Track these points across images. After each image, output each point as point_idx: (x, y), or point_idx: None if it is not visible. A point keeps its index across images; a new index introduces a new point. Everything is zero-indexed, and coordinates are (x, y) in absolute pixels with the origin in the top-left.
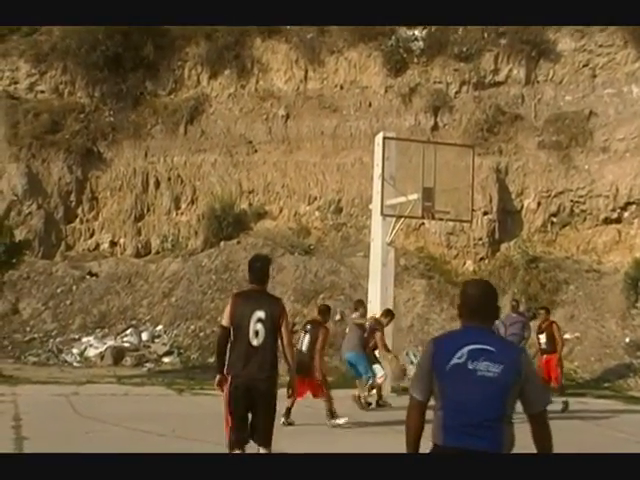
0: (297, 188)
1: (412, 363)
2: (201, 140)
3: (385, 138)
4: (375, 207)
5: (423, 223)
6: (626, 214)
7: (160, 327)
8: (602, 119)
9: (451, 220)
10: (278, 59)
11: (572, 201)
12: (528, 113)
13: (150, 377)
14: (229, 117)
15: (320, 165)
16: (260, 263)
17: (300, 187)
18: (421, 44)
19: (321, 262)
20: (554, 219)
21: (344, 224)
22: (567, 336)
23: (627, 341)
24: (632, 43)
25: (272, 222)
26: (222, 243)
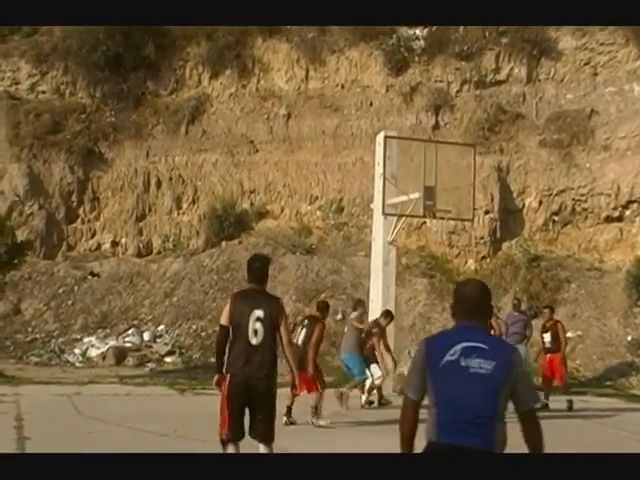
0: (298, 188)
1: None
2: (202, 140)
3: (386, 137)
4: (376, 206)
5: (424, 222)
6: (628, 212)
7: (162, 327)
8: (603, 117)
9: (452, 219)
10: (279, 59)
11: (574, 200)
12: (529, 112)
13: (152, 377)
14: (230, 117)
15: (321, 164)
16: (259, 263)
17: (301, 187)
18: (422, 43)
19: (323, 261)
20: (555, 218)
21: (345, 223)
22: (569, 335)
23: (629, 339)
24: (633, 41)
25: (273, 222)
26: (223, 243)
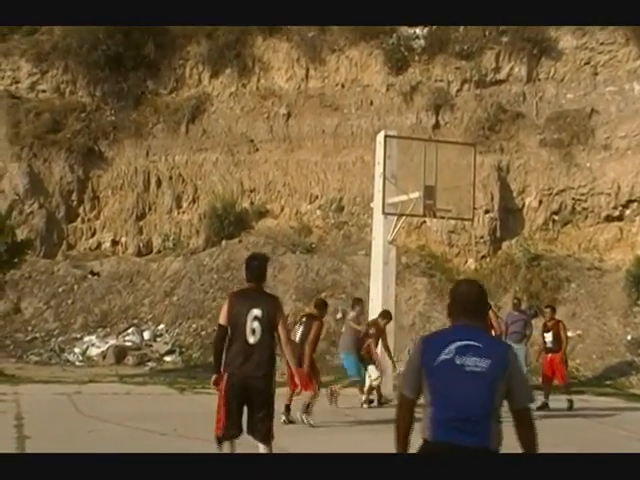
0: (298, 187)
1: None
2: (202, 139)
3: (386, 136)
4: (376, 205)
5: (424, 221)
6: (628, 212)
7: (162, 326)
8: (604, 117)
9: (452, 218)
10: (279, 58)
11: (574, 199)
12: (529, 111)
13: (152, 376)
14: (230, 116)
15: (321, 164)
16: (257, 262)
17: (301, 186)
18: (422, 42)
19: (323, 261)
20: (555, 217)
21: (345, 223)
22: (569, 334)
23: (629, 339)
24: (634, 41)
25: (273, 221)
26: (223, 242)
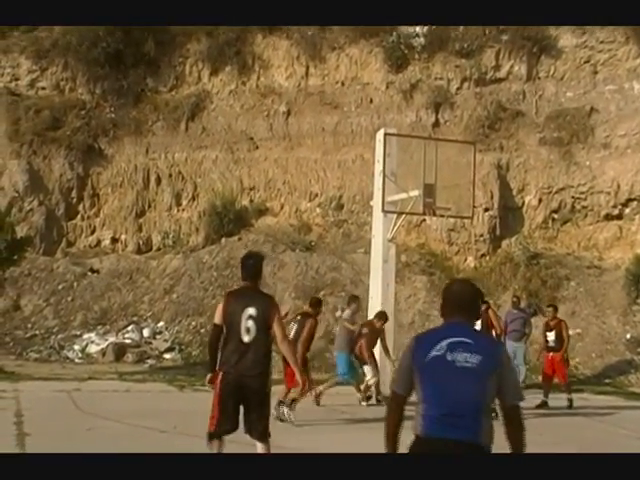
0: (298, 185)
1: None
2: (202, 137)
3: (386, 134)
4: (376, 204)
5: (424, 219)
6: (627, 210)
7: (161, 323)
8: (603, 115)
9: (452, 216)
10: (279, 55)
11: (573, 197)
12: (529, 109)
13: (151, 373)
14: (230, 113)
15: (321, 162)
16: (253, 260)
17: (301, 184)
18: (422, 40)
19: (322, 259)
20: (555, 215)
21: (345, 221)
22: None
23: (628, 337)
24: (633, 39)
25: (273, 219)
26: (223, 240)
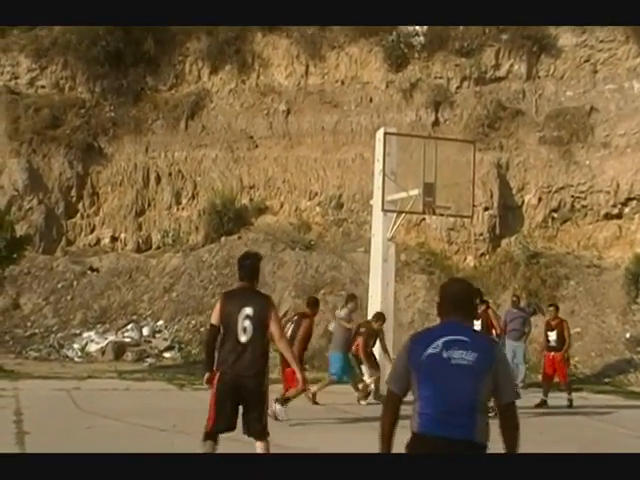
0: (298, 183)
1: None
2: (202, 135)
3: (386, 133)
4: (376, 202)
5: (424, 218)
6: (627, 210)
7: (161, 322)
8: (603, 115)
9: (452, 215)
10: (279, 54)
11: (573, 197)
12: (529, 108)
13: (151, 372)
14: (230, 112)
15: (321, 160)
16: (250, 260)
17: (301, 182)
18: (422, 39)
19: (322, 257)
20: (555, 215)
21: (345, 219)
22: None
23: (627, 336)
24: (633, 38)
25: (273, 217)
26: (223, 238)
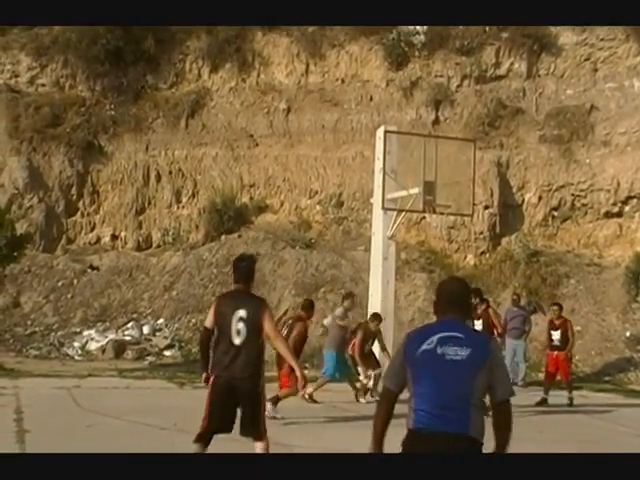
0: (298, 182)
1: None
2: (202, 134)
3: (386, 132)
4: (376, 201)
5: (424, 217)
6: (627, 208)
7: (161, 320)
8: (603, 113)
9: (452, 214)
10: (279, 53)
11: (573, 195)
12: (529, 107)
13: (151, 370)
14: (230, 111)
15: (321, 159)
16: (245, 263)
17: (301, 181)
18: (422, 38)
19: (322, 256)
20: (555, 213)
21: (345, 218)
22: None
23: (628, 335)
24: (634, 37)
25: (273, 216)
26: (223, 237)
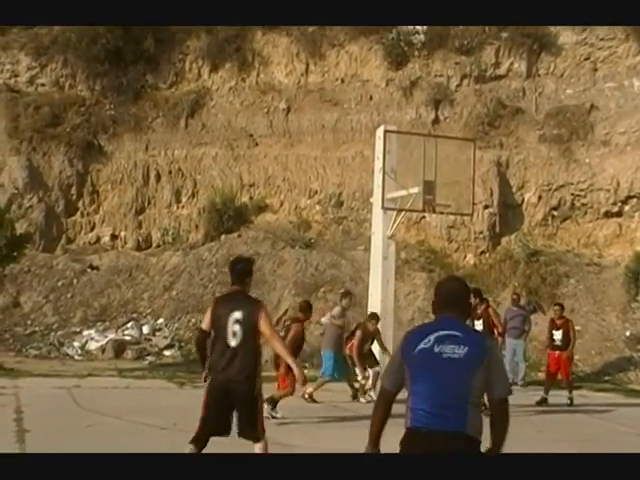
0: (298, 181)
1: None
2: (202, 133)
3: (386, 131)
4: (376, 200)
5: (424, 216)
6: (627, 208)
7: (161, 320)
8: (603, 113)
9: (452, 213)
10: (279, 52)
11: (573, 195)
12: (529, 106)
13: (151, 370)
14: (230, 110)
15: (321, 159)
16: (241, 264)
17: (301, 180)
18: (422, 37)
19: (322, 256)
20: (555, 213)
21: (345, 217)
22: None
23: (627, 334)
24: (633, 36)
25: (273, 215)
26: (223, 236)
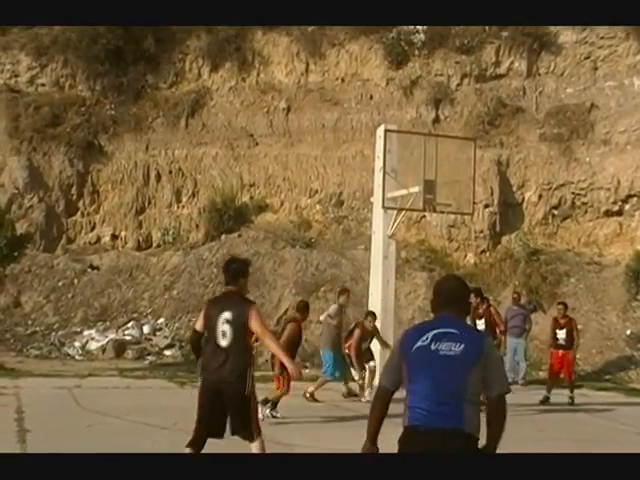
0: (298, 181)
1: None
2: (202, 133)
3: (386, 131)
4: (376, 200)
5: (424, 216)
6: (627, 207)
7: (161, 320)
8: (603, 111)
9: (452, 213)
10: (279, 52)
11: (573, 194)
12: (529, 106)
13: (152, 370)
14: (230, 110)
15: (321, 158)
16: (235, 265)
17: (301, 180)
18: (422, 37)
19: (322, 255)
20: (555, 212)
21: (345, 217)
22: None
23: (628, 333)
24: (634, 35)
25: (273, 215)
26: (223, 236)
